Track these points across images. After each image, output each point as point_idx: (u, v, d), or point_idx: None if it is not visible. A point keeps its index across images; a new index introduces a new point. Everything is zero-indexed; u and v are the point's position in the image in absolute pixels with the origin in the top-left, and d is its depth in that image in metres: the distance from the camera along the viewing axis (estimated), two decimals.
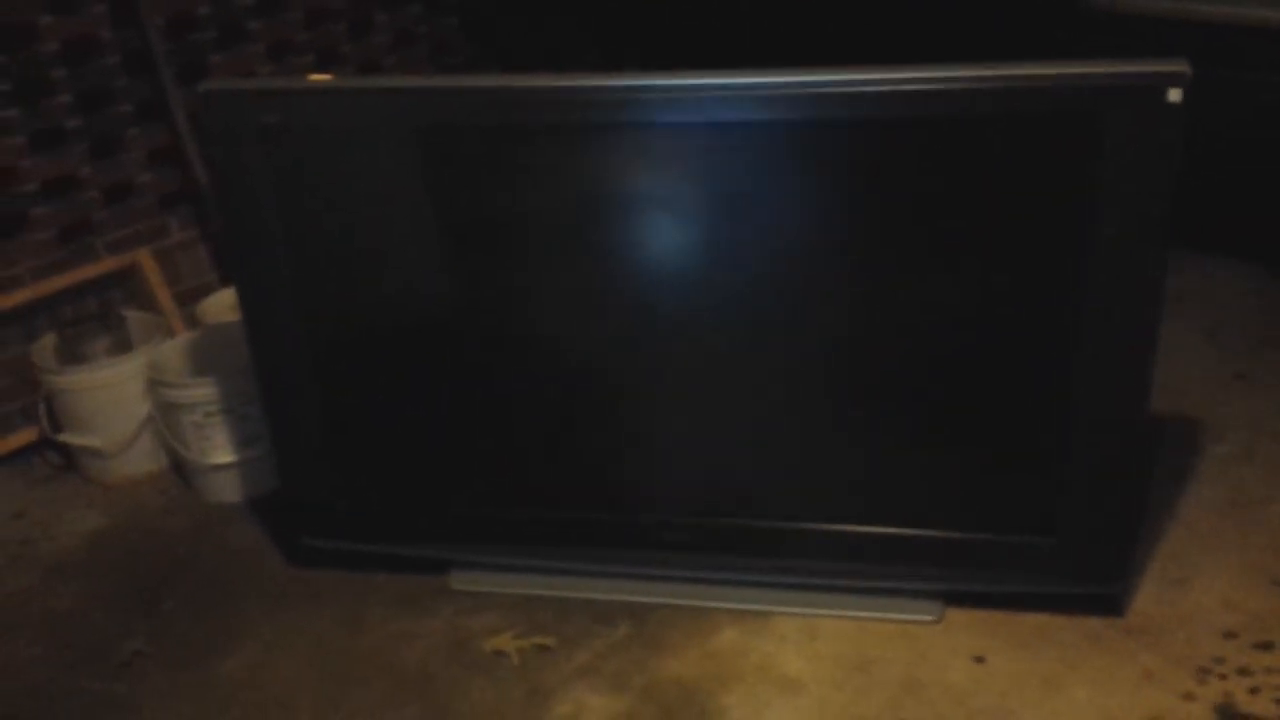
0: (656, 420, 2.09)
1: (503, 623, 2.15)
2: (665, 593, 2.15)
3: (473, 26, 3.69)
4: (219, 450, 2.54)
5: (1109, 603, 2.02)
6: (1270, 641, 1.94)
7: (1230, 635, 1.96)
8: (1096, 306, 1.79)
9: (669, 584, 2.15)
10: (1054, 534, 1.95)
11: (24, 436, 2.80)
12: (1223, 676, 1.89)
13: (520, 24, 3.78)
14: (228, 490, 2.58)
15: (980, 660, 1.96)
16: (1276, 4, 2.65)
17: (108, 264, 2.92)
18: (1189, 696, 1.86)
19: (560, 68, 3.68)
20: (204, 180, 2.98)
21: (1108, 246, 1.75)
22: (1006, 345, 1.89)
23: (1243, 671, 1.89)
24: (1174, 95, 1.64)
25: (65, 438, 2.69)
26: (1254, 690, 1.85)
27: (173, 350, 2.69)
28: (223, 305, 2.87)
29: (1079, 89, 1.70)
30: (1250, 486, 2.30)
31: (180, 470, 2.68)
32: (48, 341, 2.71)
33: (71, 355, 2.66)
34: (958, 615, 2.06)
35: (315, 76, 3.16)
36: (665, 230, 1.95)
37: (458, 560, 2.25)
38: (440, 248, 2.06)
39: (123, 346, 2.71)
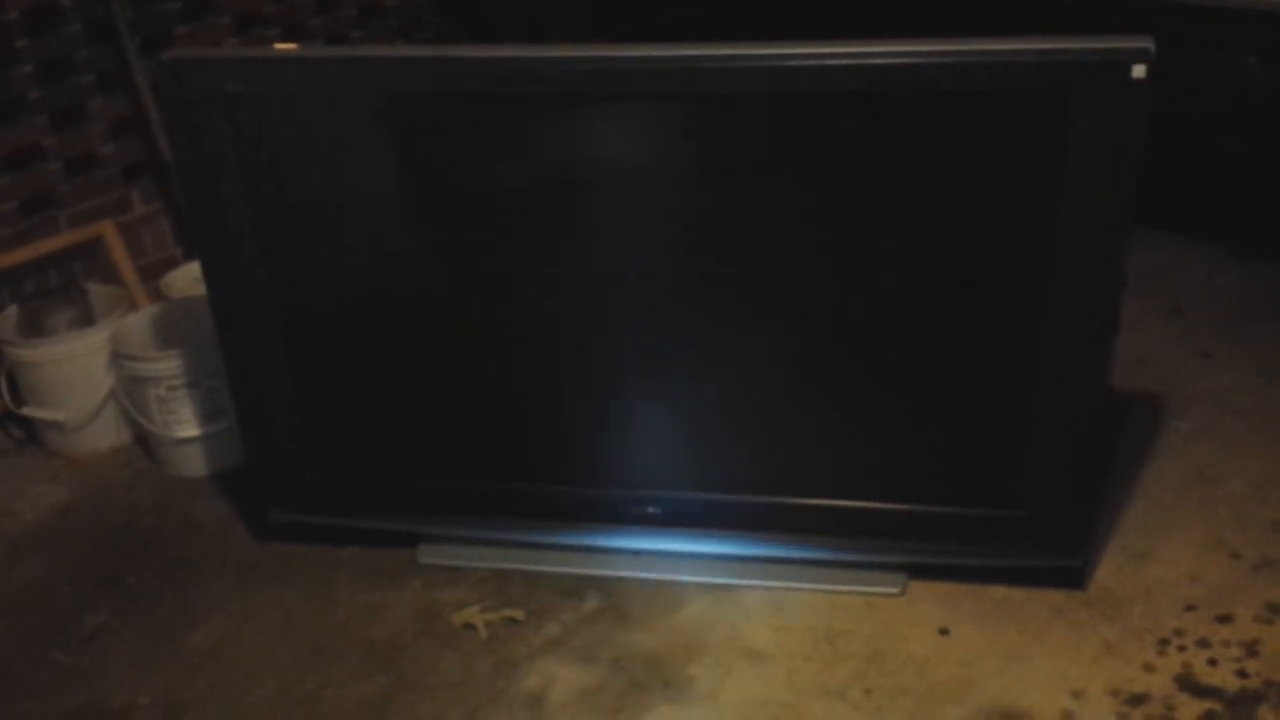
0: (624, 395, 2.09)
1: (471, 596, 2.15)
2: (633, 566, 2.16)
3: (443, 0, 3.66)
4: (184, 424, 2.52)
5: (1071, 575, 2.05)
6: (1229, 614, 1.97)
7: (1190, 608, 1.99)
8: (1061, 282, 1.80)
9: (637, 558, 2.16)
10: (1017, 507, 1.97)
11: None
12: (1182, 648, 1.91)
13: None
14: (193, 464, 2.57)
15: (944, 632, 1.98)
16: None
17: (70, 236, 2.89)
18: (1149, 668, 1.88)
19: (531, 41, 3.66)
20: (168, 152, 2.95)
21: (1073, 222, 1.76)
22: (972, 320, 1.90)
23: (1202, 643, 1.92)
24: (1138, 71, 1.66)
25: (28, 411, 2.67)
26: (1212, 662, 1.88)
27: (136, 323, 2.67)
28: (188, 279, 2.84)
29: (1044, 65, 1.71)
30: (1212, 462, 2.33)
31: (145, 444, 2.66)
32: (9, 314, 2.68)
33: (34, 328, 2.63)
34: (922, 588, 2.07)
35: (280, 46, 3.13)
36: (632, 205, 1.95)
37: (426, 534, 2.25)
38: (408, 219, 2.05)
39: (85, 319, 2.68)
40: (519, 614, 2.09)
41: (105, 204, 2.96)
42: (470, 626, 2.08)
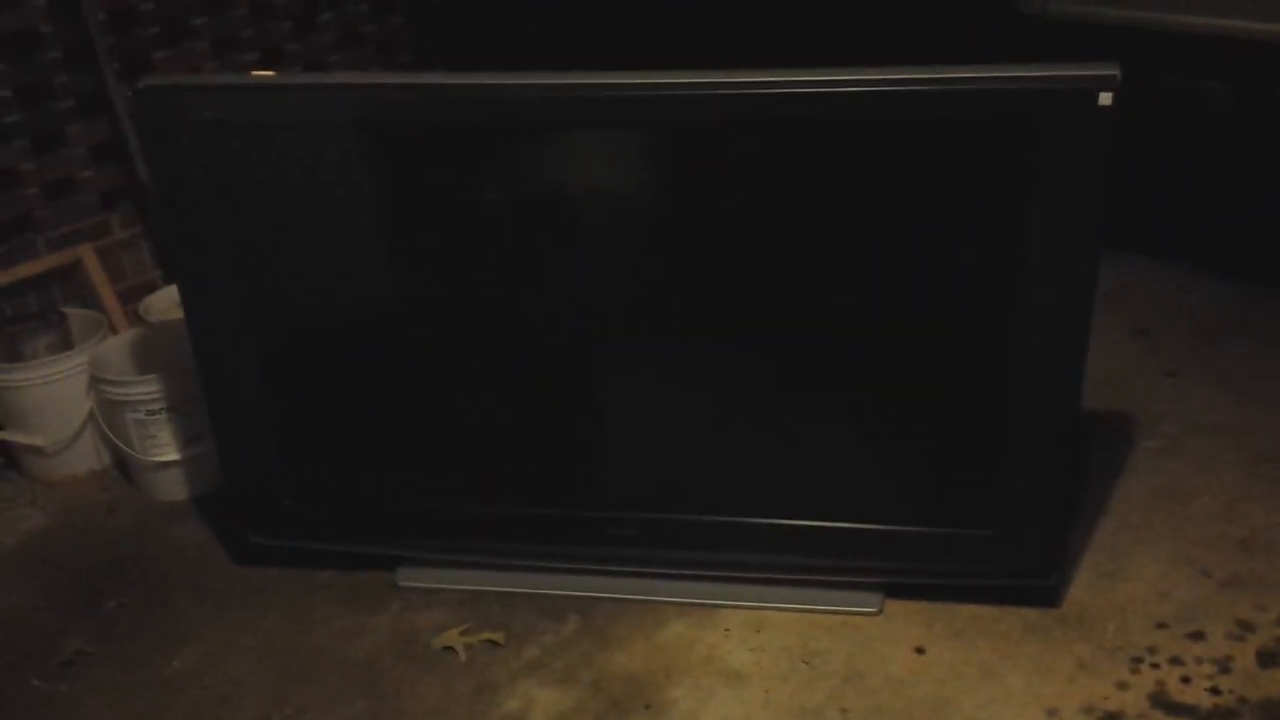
0: (602, 416, 2.11)
1: (451, 619, 2.16)
2: (613, 587, 2.17)
3: (420, 25, 3.69)
4: (163, 448, 2.52)
5: (1045, 594, 2.07)
6: (1201, 631, 2.00)
7: (1162, 625, 2.02)
8: (1030, 306, 1.83)
9: (616, 578, 2.18)
10: (991, 527, 1.99)
11: None
12: (1155, 666, 1.94)
13: (469, 24, 3.79)
14: (172, 488, 2.57)
15: (920, 651, 2.00)
16: (1205, 10, 2.72)
17: (48, 261, 2.89)
18: (1123, 685, 1.91)
19: (509, 68, 3.69)
20: (146, 176, 2.96)
21: (1040, 247, 1.79)
22: (943, 343, 1.93)
23: (1175, 661, 1.94)
24: (1105, 99, 1.69)
25: (5, 435, 2.66)
26: (1186, 679, 1.91)
27: (115, 347, 2.67)
28: (167, 302, 2.85)
29: (1011, 92, 1.74)
30: (1181, 480, 2.37)
31: (124, 468, 2.66)
32: None
33: (12, 353, 2.63)
34: (898, 606, 2.10)
35: (256, 73, 3.15)
36: (607, 230, 1.97)
37: (405, 557, 2.26)
38: (384, 245, 2.07)
39: (64, 344, 2.68)
40: (498, 636, 2.10)
41: (84, 228, 2.96)
42: (450, 649, 2.09)
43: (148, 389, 2.49)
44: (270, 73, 3.20)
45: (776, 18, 3.44)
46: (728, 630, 2.08)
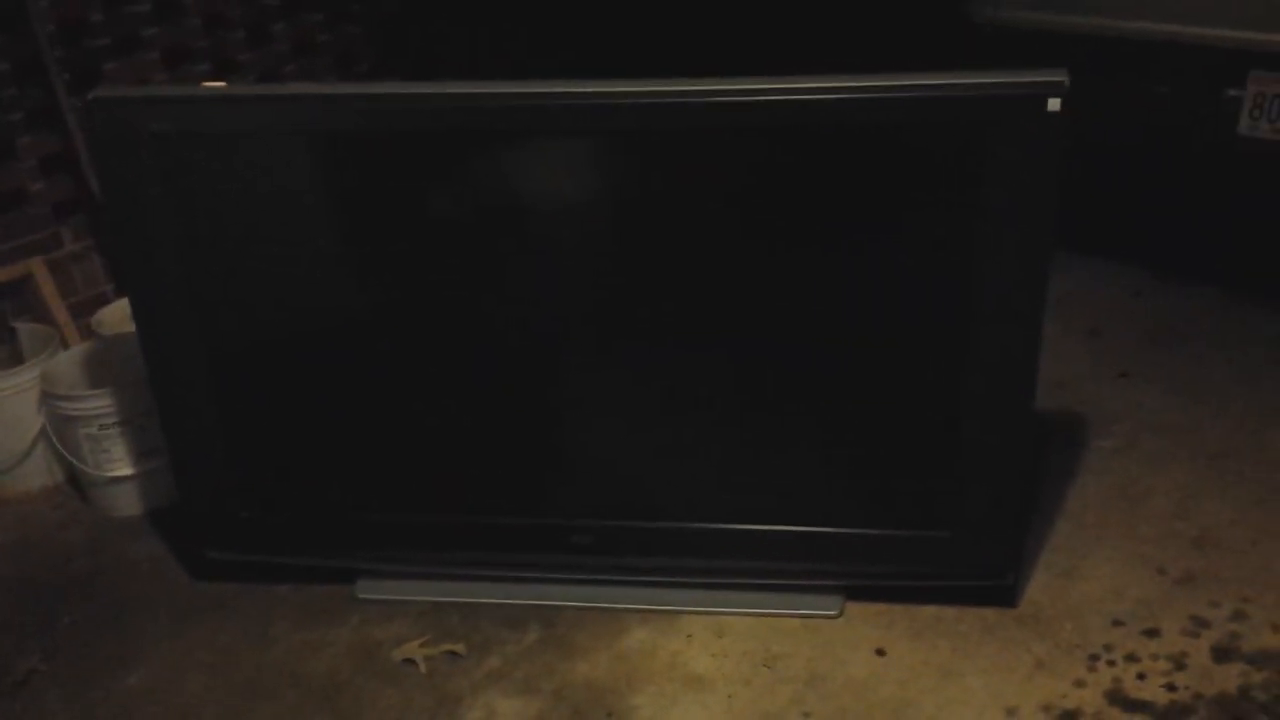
0: (561, 424, 2.10)
1: (411, 631, 2.14)
2: (574, 595, 2.17)
3: (377, 36, 3.67)
4: (116, 463, 2.49)
5: (1002, 594, 2.09)
6: (1156, 628, 2.02)
7: (1118, 623, 2.04)
8: (983, 309, 1.85)
9: (577, 586, 2.17)
10: (948, 528, 2.01)
11: None
12: (1112, 663, 1.96)
13: (426, 33, 3.78)
14: (127, 503, 2.54)
15: (881, 653, 2.02)
16: (1153, 16, 2.77)
17: None
18: (1080, 683, 1.92)
19: (467, 77, 3.68)
20: (98, 189, 2.92)
21: (993, 251, 1.81)
22: (898, 347, 1.94)
23: (1131, 658, 1.97)
24: (1054, 104, 1.71)
25: None
26: (1141, 676, 1.93)
27: (66, 362, 2.64)
28: (120, 315, 2.81)
29: (962, 99, 1.76)
30: (1134, 479, 2.39)
31: (77, 483, 2.62)
32: None
33: None
34: (858, 609, 2.11)
35: (208, 84, 3.12)
36: (564, 238, 1.97)
37: (364, 569, 2.24)
38: (338, 256, 2.05)
39: (14, 359, 2.64)
40: (459, 647, 2.09)
41: (35, 242, 2.92)
42: (410, 661, 2.07)
43: (100, 403, 2.46)
44: (222, 84, 3.18)
45: (730, 28, 3.46)
46: (689, 636, 2.09)
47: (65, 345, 2.79)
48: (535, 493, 2.15)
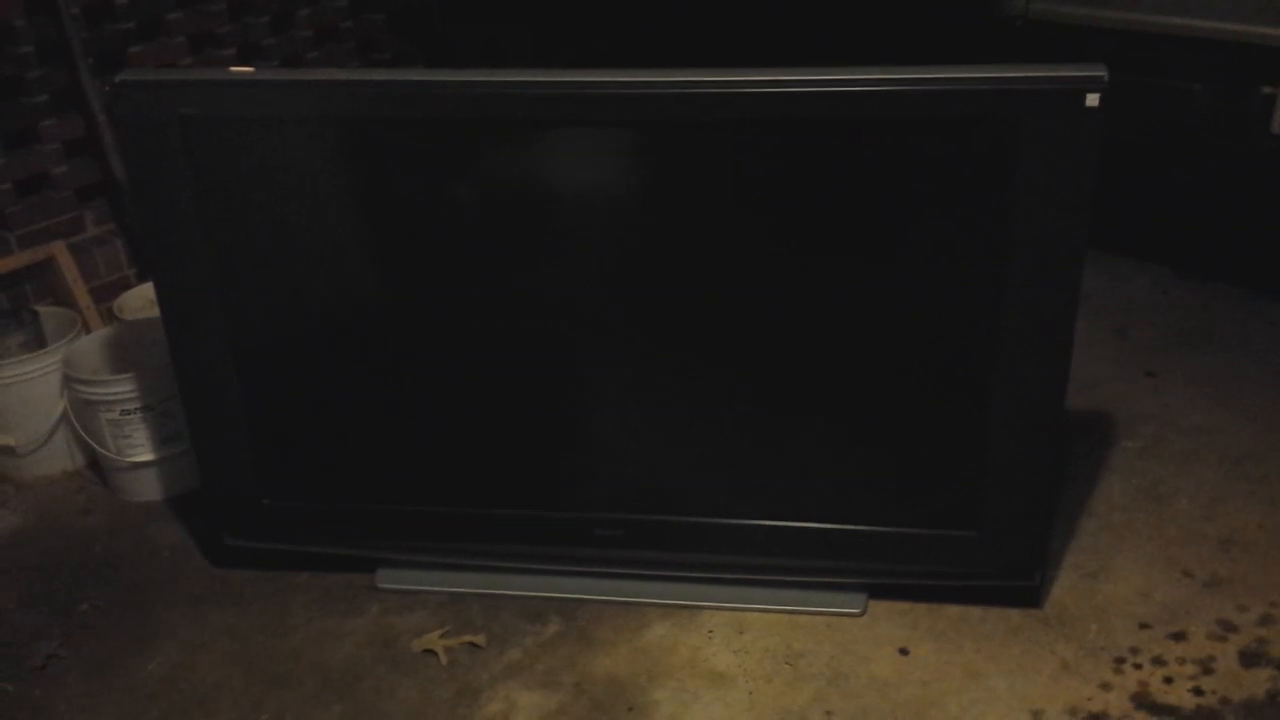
0: (585, 417, 2.09)
1: (431, 621, 2.14)
2: (595, 589, 2.16)
3: (400, 22, 3.66)
4: (138, 448, 2.49)
5: (1027, 594, 2.07)
6: (1183, 631, 2.00)
7: (1144, 626, 2.02)
8: (1015, 307, 1.83)
9: (599, 580, 2.16)
10: (973, 527, 1.99)
11: None
12: (1138, 666, 1.94)
13: (449, 20, 3.77)
14: (147, 489, 2.53)
15: (904, 652, 2.00)
16: (1187, 12, 2.73)
17: (20, 258, 2.85)
18: (1106, 686, 1.91)
19: (490, 64, 3.67)
20: (121, 173, 2.92)
21: (1026, 249, 1.79)
22: (928, 345, 1.92)
23: (1157, 661, 1.95)
24: (1092, 100, 1.69)
25: None
26: (1168, 680, 1.91)
27: (89, 346, 2.63)
28: (142, 300, 2.81)
29: (998, 94, 1.74)
30: (1160, 480, 2.37)
31: (98, 468, 2.62)
32: None
33: None
34: (881, 607, 2.09)
35: (236, 69, 3.12)
36: (590, 230, 1.96)
37: (384, 559, 2.24)
38: (363, 243, 2.04)
39: (36, 342, 2.64)
40: (479, 639, 2.08)
41: (57, 225, 2.92)
42: (430, 652, 2.07)
43: (122, 388, 2.46)
44: (250, 69, 3.17)
45: (758, 21, 3.43)
46: (711, 632, 2.07)
47: (87, 329, 2.79)
48: (561, 486, 2.14)
